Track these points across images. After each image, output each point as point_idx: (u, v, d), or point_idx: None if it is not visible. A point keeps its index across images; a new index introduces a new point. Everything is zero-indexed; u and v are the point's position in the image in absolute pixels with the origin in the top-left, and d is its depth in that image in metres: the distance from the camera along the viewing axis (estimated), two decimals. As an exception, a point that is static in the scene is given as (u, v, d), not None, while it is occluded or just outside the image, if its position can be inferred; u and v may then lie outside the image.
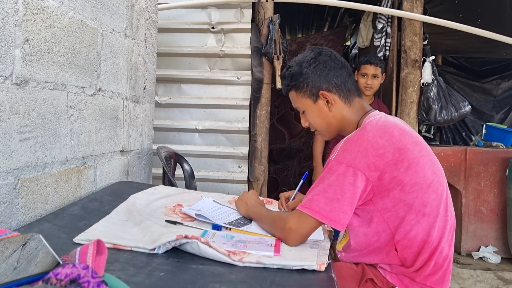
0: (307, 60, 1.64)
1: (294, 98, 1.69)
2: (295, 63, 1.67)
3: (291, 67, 1.68)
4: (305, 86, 1.63)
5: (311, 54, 1.66)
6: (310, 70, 1.62)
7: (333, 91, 1.62)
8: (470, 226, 3.89)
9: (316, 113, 1.65)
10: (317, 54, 1.65)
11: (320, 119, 1.66)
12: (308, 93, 1.63)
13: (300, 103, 1.67)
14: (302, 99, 1.66)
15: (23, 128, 1.38)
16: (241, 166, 3.84)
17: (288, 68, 1.70)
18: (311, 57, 1.64)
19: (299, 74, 1.64)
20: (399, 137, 1.48)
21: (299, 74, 1.64)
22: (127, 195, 1.78)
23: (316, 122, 1.68)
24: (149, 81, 2.58)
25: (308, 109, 1.66)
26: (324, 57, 1.64)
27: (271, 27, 3.74)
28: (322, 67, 1.62)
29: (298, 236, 1.43)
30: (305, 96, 1.64)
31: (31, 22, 1.39)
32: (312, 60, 1.63)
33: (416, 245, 1.48)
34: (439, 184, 1.52)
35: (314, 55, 1.65)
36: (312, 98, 1.63)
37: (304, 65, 1.64)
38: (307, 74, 1.62)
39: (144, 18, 2.42)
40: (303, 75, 1.63)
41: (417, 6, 3.96)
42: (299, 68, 1.64)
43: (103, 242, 0.76)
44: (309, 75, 1.62)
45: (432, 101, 3.92)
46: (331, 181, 1.43)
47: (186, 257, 1.25)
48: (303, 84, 1.63)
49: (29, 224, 1.41)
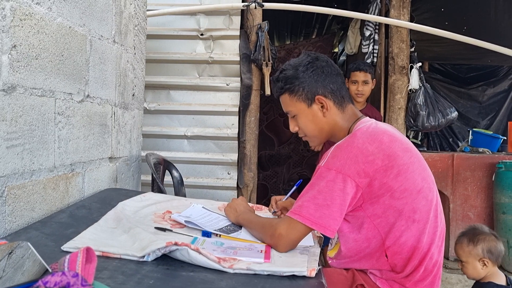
0: (304, 64, 1.63)
1: (287, 102, 1.66)
2: (290, 66, 1.65)
3: (285, 70, 1.66)
4: (301, 89, 1.61)
5: (308, 58, 1.65)
6: (307, 74, 1.61)
7: (328, 97, 1.61)
8: (458, 231, 3.85)
9: (309, 118, 1.63)
10: (314, 59, 1.64)
11: (313, 124, 1.64)
12: (303, 97, 1.62)
13: (293, 107, 1.65)
14: (295, 103, 1.64)
15: (10, 135, 1.36)
16: (230, 173, 3.83)
17: (282, 71, 1.67)
18: (308, 61, 1.63)
19: (295, 77, 1.62)
20: (389, 144, 1.49)
21: (295, 78, 1.62)
22: (116, 202, 1.76)
23: (307, 127, 1.66)
24: (138, 88, 2.57)
25: (301, 113, 1.64)
26: (321, 62, 1.64)
27: (260, 34, 3.75)
28: (319, 72, 1.62)
29: (288, 242, 1.42)
30: (299, 100, 1.62)
31: (19, 28, 1.38)
32: (310, 65, 1.62)
33: (406, 251, 1.48)
34: (429, 190, 1.53)
35: (311, 60, 1.64)
36: (306, 102, 1.62)
37: (300, 68, 1.62)
38: (304, 78, 1.61)
39: (133, 24, 2.41)
40: (299, 78, 1.61)
41: (404, 13, 4.00)
42: (294, 72, 1.63)
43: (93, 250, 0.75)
44: (305, 79, 1.61)
45: (420, 107, 3.95)
46: (321, 187, 1.43)
47: (176, 264, 1.24)
48: (298, 88, 1.61)
49: (16, 232, 1.39)
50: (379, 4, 4.20)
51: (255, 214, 1.69)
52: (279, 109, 6.02)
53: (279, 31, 6.54)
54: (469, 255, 2.10)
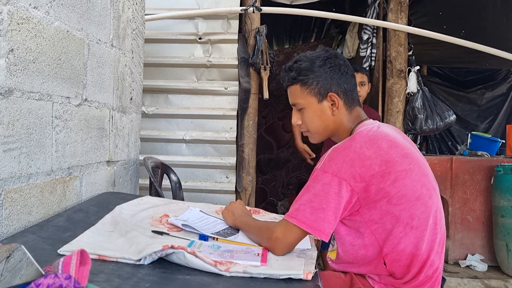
0: (322, 58, 1.60)
1: (296, 93, 1.62)
2: (306, 58, 1.62)
3: (300, 61, 1.61)
4: (315, 83, 1.58)
5: (326, 53, 1.62)
6: (323, 69, 1.58)
7: (340, 96, 1.59)
8: (457, 235, 3.91)
9: (317, 114, 1.60)
10: (333, 55, 1.62)
11: (320, 120, 1.61)
12: (316, 91, 1.58)
13: (303, 100, 1.61)
14: (306, 96, 1.60)
15: (7, 138, 1.36)
16: (229, 177, 3.83)
17: (296, 62, 1.63)
18: (327, 57, 1.61)
19: (310, 70, 1.58)
20: (387, 150, 1.47)
21: (310, 70, 1.58)
22: (113, 205, 1.76)
23: (313, 122, 1.62)
24: (136, 91, 2.58)
25: (309, 107, 1.61)
26: (339, 60, 1.62)
27: (258, 37, 3.76)
28: (336, 70, 1.59)
29: (285, 246, 1.42)
30: (311, 93, 1.59)
31: (16, 32, 1.38)
32: (328, 60, 1.60)
33: (404, 258, 1.47)
34: (429, 196, 1.50)
35: (330, 55, 1.61)
36: (317, 97, 1.59)
37: (317, 62, 1.59)
38: (319, 72, 1.58)
39: (131, 28, 2.42)
40: (315, 72, 1.58)
41: (401, 17, 4.01)
42: (310, 64, 1.59)
43: (87, 252, 0.75)
44: (321, 74, 1.58)
45: (418, 111, 3.96)
46: (317, 190, 1.43)
47: (173, 267, 1.24)
48: (312, 81, 1.58)
49: (13, 235, 1.39)
50: (377, 8, 4.21)
51: (252, 218, 1.69)
52: (278, 113, 6.06)
53: (278, 35, 6.55)
54: None
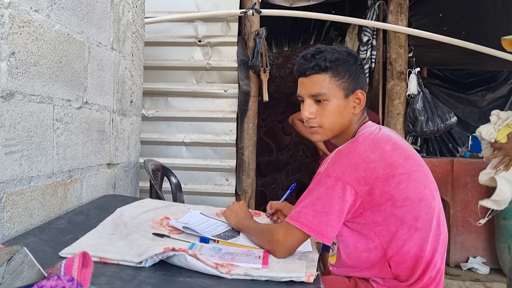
0: (352, 54, 1.57)
1: (324, 83, 1.52)
2: (333, 51, 1.55)
3: (327, 52, 1.54)
4: (346, 76, 1.53)
5: (352, 52, 1.59)
6: (355, 65, 1.55)
7: (364, 96, 1.58)
8: (459, 237, 3.90)
9: (340, 109, 1.54)
10: (356, 55, 1.59)
11: (340, 116, 1.55)
12: (346, 85, 1.53)
13: (330, 90, 1.52)
14: (334, 87, 1.52)
15: (8, 141, 1.36)
16: (229, 179, 3.83)
17: (321, 52, 1.54)
18: (354, 55, 1.58)
19: (345, 62, 1.53)
20: (391, 152, 1.47)
21: (345, 63, 1.53)
22: (114, 208, 1.76)
23: (332, 117, 1.54)
24: (136, 94, 2.58)
25: (333, 100, 1.53)
26: (360, 61, 1.60)
27: (258, 40, 3.76)
28: (363, 70, 1.59)
29: (286, 248, 1.42)
30: (340, 86, 1.52)
31: (17, 35, 1.39)
32: (358, 59, 1.58)
33: (409, 260, 1.47)
34: (432, 198, 1.51)
35: (356, 55, 1.59)
36: (345, 92, 1.53)
37: (350, 58, 1.55)
38: (351, 68, 1.54)
39: (131, 31, 2.42)
40: (350, 65, 1.54)
41: (401, 19, 4.01)
42: (344, 58, 1.54)
43: (89, 254, 0.75)
44: (353, 69, 1.54)
45: (418, 113, 3.96)
46: (320, 193, 1.41)
47: (174, 270, 1.24)
48: (344, 74, 1.52)
49: (14, 238, 1.39)
50: (376, 10, 4.21)
51: (254, 220, 1.69)
52: (277, 116, 6.06)
53: (277, 37, 6.55)
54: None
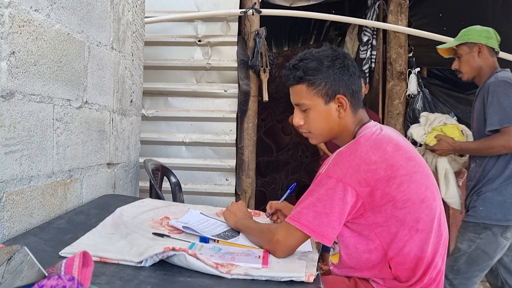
0: (331, 57, 1.54)
1: (302, 93, 1.55)
2: (313, 57, 1.55)
3: (306, 60, 1.54)
4: (322, 84, 1.52)
5: (335, 53, 1.56)
6: (332, 70, 1.52)
7: (348, 98, 1.54)
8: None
9: (322, 115, 1.55)
10: (341, 55, 1.56)
11: (325, 122, 1.56)
12: (323, 92, 1.52)
13: (308, 100, 1.54)
14: (312, 96, 1.53)
15: (8, 141, 1.36)
16: (229, 179, 3.83)
17: (302, 60, 1.56)
18: (335, 56, 1.55)
19: (318, 70, 1.52)
20: (393, 154, 1.46)
21: (318, 70, 1.52)
22: (114, 208, 1.76)
23: (317, 124, 1.57)
24: (136, 94, 2.58)
25: (314, 108, 1.55)
26: (348, 60, 1.56)
27: (258, 40, 3.77)
28: (345, 71, 1.54)
29: (286, 248, 1.42)
30: (318, 94, 1.53)
31: (17, 34, 1.39)
32: (338, 61, 1.54)
33: (409, 261, 1.46)
34: (433, 199, 1.50)
35: (338, 55, 1.56)
36: (325, 99, 1.53)
37: (326, 62, 1.53)
38: (328, 73, 1.52)
39: (131, 31, 2.42)
40: (323, 72, 1.52)
41: (401, 19, 4.02)
42: (318, 64, 1.53)
43: (89, 254, 0.75)
44: (329, 75, 1.52)
45: (418, 113, 3.95)
46: (321, 194, 1.41)
47: (174, 269, 1.24)
48: (320, 82, 1.52)
49: (14, 238, 1.39)
50: (376, 10, 4.21)
51: (254, 220, 1.69)
52: (277, 116, 6.06)
53: (277, 37, 6.56)
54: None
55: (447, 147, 2.88)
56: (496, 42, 2.72)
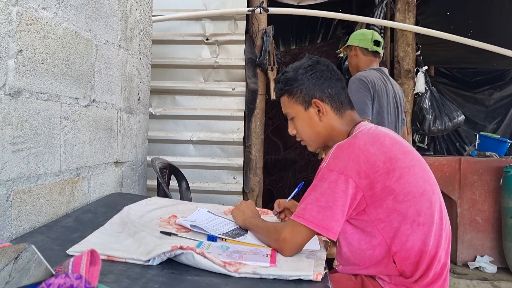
0: (304, 66, 1.65)
1: (285, 103, 1.69)
2: (291, 69, 1.68)
3: (286, 72, 1.68)
4: (299, 92, 1.63)
5: (309, 61, 1.67)
6: (305, 77, 1.63)
7: (325, 101, 1.62)
8: (466, 236, 3.88)
9: (306, 121, 1.65)
10: (315, 62, 1.66)
11: (309, 127, 1.66)
12: (301, 99, 1.63)
13: (291, 109, 1.67)
14: (293, 105, 1.66)
15: (16, 139, 1.37)
16: (236, 177, 3.83)
17: (283, 73, 1.70)
18: (308, 65, 1.65)
19: (294, 79, 1.64)
20: (390, 146, 1.49)
21: (294, 80, 1.64)
22: (121, 206, 1.76)
23: (304, 130, 1.67)
24: (143, 92, 2.58)
25: (298, 116, 1.66)
26: (321, 66, 1.65)
27: (265, 38, 3.76)
28: (318, 76, 1.63)
29: (293, 246, 1.42)
30: (297, 102, 1.64)
31: (25, 33, 1.39)
32: (309, 68, 1.64)
33: (413, 255, 1.47)
34: (432, 192, 1.52)
35: (311, 63, 1.66)
36: (303, 105, 1.64)
37: (300, 71, 1.65)
38: (302, 81, 1.63)
39: (138, 29, 2.42)
40: (298, 80, 1.63)
41: (409, 17, 4.00)
42: (294, 74, 1.65)
43: (97, 252, 0.75)
44: (304, 82, 1.63)
45: (426, 111, 3.94)
46: (323, 189, 1.43)
47: (181, 268, 1.24)
48: (296, 90, 1.64)
49: (22, 236, 1.40)
50: (384, 8, 4.19)
51: (262, 219, 1.69)
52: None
53: (284, 36, 6.55)
54: None
55: None
56: (370, 42, 3.01)
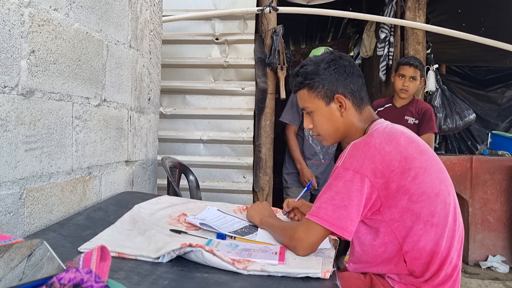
0: (326, 61, 1.61)
1: (305, 97, 1.63)
2: (311, 62, 1.63)
3: (306, 66, 1.63)
4: (320, 86, 1.59)
5: (331, 56, 1.63)
6: (328, 72, 1.58)
7: (348, 97, 1.59)
8: (478, 235, 3.86)
9: (326, 116, 1.61)
10: (337, 57, 1.62)
11: (329, 123, 1.61)
12: (322, 94, 1.59)
13: (311, 103, 1.62)
14: (314, 99, 1.61)
15: (28, 138, 1.39)
16: (246, 176, 3.84)
17: (303, 66, 1.64)
18: (331, 59, 1.61)
19: (316, 73, 1.59)
20: (406, 146, 1.48)
21: (316, 74, 1.59)
22: (132, 204, 1.78)
23: (323, 125, 1.63)
24: (154, 92, 2.60)
25: (318, 110, 1.61)
26: (344, 61, 1.61)
27: (275, 37, 3.76)
28: (341, 71, 1.59)
29: (307, 245, 1.41)
30: (318, 96, 1.60)
31: (37, 33, 1.41)
32: (332, 62, 1.60)
33: (425, 256, 1.46)
34: (448, 193, 1.50)
35: (334, 58, 1.62)
36: (325, 100, 1.59)
37: (322, 65, 1.60)
38: (325, 75, 1.58)
39: (149, 29, 2.44)
40: (320, 75, 1.59)
41: (419, 15, 3.97)
42: (316, 68, 1.60)
43: (107, 248, 0.76)
44: (326, 77, 1.58)
45: (437, 110, 3.92)
46: (339, 188, 1.42)
47: (191, 265, 1.25)
48: (318, 84, 1.59)
49: (34, 233, 1.42)
50: (394, 6, 4.17)
51: (278, 218, 1.69)
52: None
53: (294, 35, 6.55)
54: None
55: None
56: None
